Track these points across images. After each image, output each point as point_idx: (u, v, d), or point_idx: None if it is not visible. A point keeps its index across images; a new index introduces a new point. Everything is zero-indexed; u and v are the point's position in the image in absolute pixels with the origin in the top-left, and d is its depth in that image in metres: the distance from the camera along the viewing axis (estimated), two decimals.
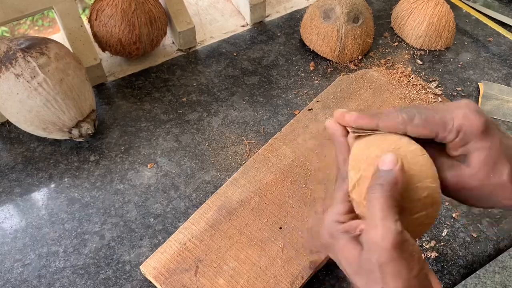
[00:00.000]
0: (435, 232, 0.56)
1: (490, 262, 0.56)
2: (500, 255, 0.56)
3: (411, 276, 0.32)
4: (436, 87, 0.71)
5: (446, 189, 0.37)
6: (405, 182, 0.34)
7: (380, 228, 0.32)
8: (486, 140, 0.35)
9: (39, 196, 0.59)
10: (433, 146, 0.37)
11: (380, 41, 0.79)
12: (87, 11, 2.00)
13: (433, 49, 0.78)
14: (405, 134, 0.36)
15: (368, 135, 0.38)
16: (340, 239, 0.35)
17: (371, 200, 0.33)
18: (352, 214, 0.36)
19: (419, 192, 0.35)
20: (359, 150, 0.37)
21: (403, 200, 0.34)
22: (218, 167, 0.62)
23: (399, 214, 0.33)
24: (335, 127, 0.39)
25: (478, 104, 0.69)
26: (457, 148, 0.36)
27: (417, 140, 0.36)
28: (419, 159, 0.35)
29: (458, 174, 0.36)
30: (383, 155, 0.34)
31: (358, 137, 0.38)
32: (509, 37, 0.80)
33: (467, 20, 0.83)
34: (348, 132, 0.38)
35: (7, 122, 0.66)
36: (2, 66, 0.57)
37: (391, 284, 0.32)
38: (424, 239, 0.55)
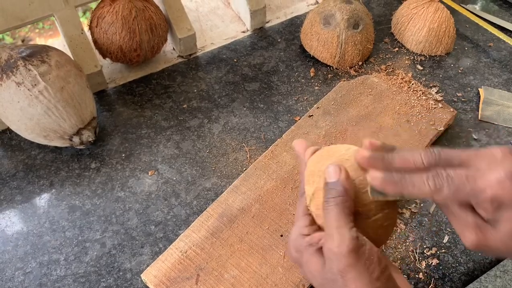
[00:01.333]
0: (436, 239, 0.56)
1: None
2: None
3: (372, 278, 0.32)
4: (436, 92, 0.71)
5: (469, 246, 0.35)
6: (354, 188, 0.35)
7: (336, 236, 0.33)
8: None
9: (40, 203, 0.59)
10: (461, 203, 0.35)
11: (380, 47, 0.79)
12: (88, 14, 2.01)
13: (433, 54, 0.78)
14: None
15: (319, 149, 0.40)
16: (305, 252, 0.36)
17: (326, 212, 0.35)
18: (315, 226, 0.37)
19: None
20: (311, 165, 0.39)
21: (356, 205, 0.35)
22: (219, 174, 0.62)
23: (355, 220, 0.35)
24: (298, 147, 0.40)
25: (479, 110, 0.69)
26: (487, 212, 0.33)
27: None
28: None
29: (484, 235, 0.34)
30: (327, 167, 0.36)
31: (313, 152, 0.40)
32: (509, 42, 0.80)
33: (467, 26, 0.83)
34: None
35: (8, 130, 0.66)
36: (3, 74, 0.57)
37: None
38: (425, 246, 0.55)
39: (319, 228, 0.37)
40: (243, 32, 0.82)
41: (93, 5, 0.72)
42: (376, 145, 0.36)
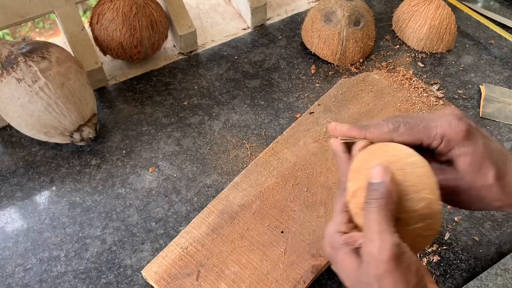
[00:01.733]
0: (437, 236, 0.56)
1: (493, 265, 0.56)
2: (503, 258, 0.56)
3: (408, 287, 0.32)
4: (437, 90, 0.71)
5: None
6: (399, 193, 0.34)
7: (377, 241, 0.32)
8: (469, 145, 0.37)
9: (41, 200, 0.59)
10: (423, 153, 0.38)
11: (382, 44, 0.79)
12: (88, 13, 2.01)
13: (434, 51, 0.77)
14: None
15: (368, 144, 0.39)
16: (340, 250, 0.35)
17: (367, 213, 0.34)
18: (352, 223, 0.37)
19: (415, 203, 0.35)
20: (359, 162, 0.37)
21: (398, 211, 0.34)
22: (220, 171, 0.62)
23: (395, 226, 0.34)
24: (336, 143, 0.40)
25: (480, 107, 0.69)
26: (443, 154, 0.38)
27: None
28: (417, 170, 0.35)
29: (446, 178, 0.38)
30: (373, 167, 0.35)
31: (362, 148, 0.39)
32: (510, 39, 0.80)
33: (468, 23, 0.83)
34: (349, 148, 0.40)
35: (9, 126, 0.66)
36: (4, 71, 0.57)
37: None
38: None
39: (356, 227, 0.36)
40: (244, 29, 0.82)
41: (93, 2, 0.72)
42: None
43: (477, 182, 0.37)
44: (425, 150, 0.38)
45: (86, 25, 0.71)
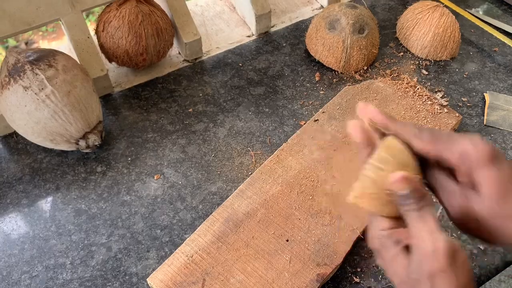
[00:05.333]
0: None
1: None
2: None
3: (458, 285, 0.32)
4: (441, 97, 0.71)
5: (456, 217, 0.36)
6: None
7: (429, 240, 0.33)
8: (494, 168, 0.34)
9: (46, 207, 0.60)
10: (445, 172, 0.37)
11: (386, 51, 0.79)
12: (91, 17, 2.01)
13: (438, 59, 0.78)
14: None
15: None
16: (390, 250, 0.36)
17: (409, 216, 0.35)
18: (390, 219, 0.37)
19: None
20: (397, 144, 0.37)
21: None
22: (224, 178, 0.62)
23: None
24: (360, 130, 0.39)
25: (484, 115, 0.69)
26: (464, 174, 0.35)
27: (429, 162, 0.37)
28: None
29: (468, 201, 0.35)
30: (392, 177, 0.34)
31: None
32: None
33: (472, 30, 0.83)
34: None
35: (15, 133, 0.67)
36: (11, 79, 0.57)
37: None
38: None
39: (396, 220, 0.37)
40: (248, 36, 0.82)
41: (97, 9, 0.72)
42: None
43: (502, 210, 0.34)
44: (449, 171, 0.37)
45: (92, 33, 0.71)
